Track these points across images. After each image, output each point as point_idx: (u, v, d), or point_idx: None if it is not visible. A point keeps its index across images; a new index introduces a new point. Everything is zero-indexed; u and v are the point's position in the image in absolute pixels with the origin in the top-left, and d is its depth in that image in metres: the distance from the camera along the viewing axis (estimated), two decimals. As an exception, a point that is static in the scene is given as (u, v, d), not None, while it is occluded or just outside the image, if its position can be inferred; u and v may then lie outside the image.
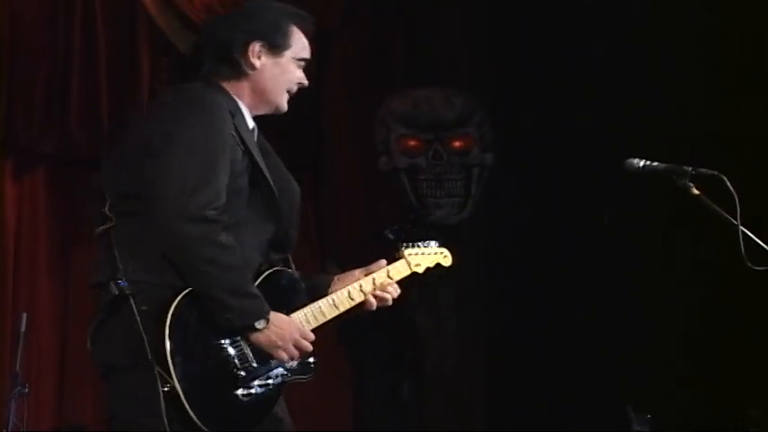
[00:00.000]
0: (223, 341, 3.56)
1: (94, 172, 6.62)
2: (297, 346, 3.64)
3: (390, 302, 3.94)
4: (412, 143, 7.58)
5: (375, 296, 3.91)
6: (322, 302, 3.81)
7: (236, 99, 3.75)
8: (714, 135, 6.42)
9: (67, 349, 6.58)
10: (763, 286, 3.87)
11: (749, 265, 3.68)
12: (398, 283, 3.98)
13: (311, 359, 3.74)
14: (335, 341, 6.95)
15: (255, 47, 3.75)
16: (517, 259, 7.41)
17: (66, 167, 6.63)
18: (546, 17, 7.21)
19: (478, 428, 7.57)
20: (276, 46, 3.78)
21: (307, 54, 3.86)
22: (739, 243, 3.70)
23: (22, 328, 5.80)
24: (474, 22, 7.75)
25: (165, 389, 3.44)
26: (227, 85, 3.75)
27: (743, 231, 3.72)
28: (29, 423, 5.76)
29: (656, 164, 3.91)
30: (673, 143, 6.12)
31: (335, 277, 3.95)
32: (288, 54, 3.80)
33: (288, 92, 3.84)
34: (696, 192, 3.81)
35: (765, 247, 3.72)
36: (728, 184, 3.72)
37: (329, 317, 3.81)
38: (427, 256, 4.14)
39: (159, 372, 3.44)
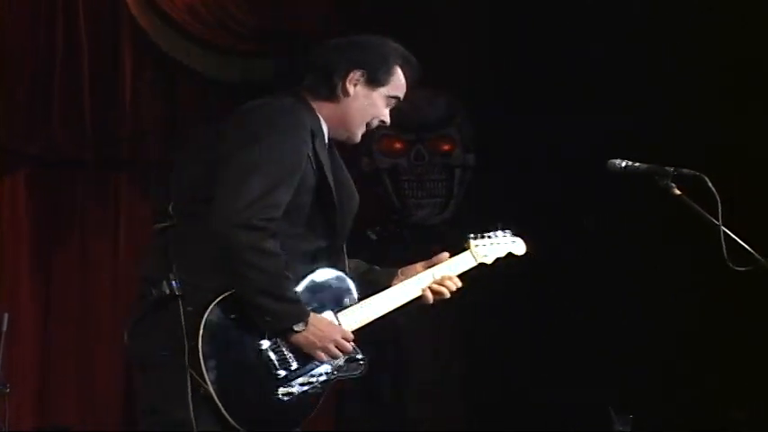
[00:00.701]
0: (262, 343, 3.62)
1: (77, 172, 6.70)
2: (337, 346, 3.71)
3: (448, 295, 4.01)
4: (394, 144, 7.60)
5: (432, 290, 3.98)
6: (375, 300, 3.88)
7: (321, 119, 3.82)
8: (710, 136, 6.45)
9: (50, 350, 6.57)
10: (755, 287, 3.89)
11: (730, 265, 3.70)
12: (461, 276, 4.04)
13: (359, 356, 3.80)
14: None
15: (356, 75, 3.84)
16: (498, 260, 7.40)
17: (48, 168, 6.62)
18: (528, 17, 7.22)
19: (458, 428, 7.58)
20: (375, 80, 3.87)
21: (400, 94, 3.95)
22: (721, 243, 3.73)
23: (4, 328, 5.79)
24: (455, 23, 7.75)
25: (200, 392, 3.52)
26: (316, 105, 3.82)
27: (724, 232, 3.74)
28: (10, 423, 5.76)
29: (637, 164, 3.93)
30: (660, 143, 6.15)
31: (399, 271, 4.02)
32: (383, 91, 3.90)
33: (367, 125, 3.91)
34: (677, 192, 3.83)
35: (747, 247, 3.74)
36: (710, 184, 3.74)
37: (382, 312, 3.89)
38: (497, 246, 4.21)
39: (193, 374, 3.52)
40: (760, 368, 6.36)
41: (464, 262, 4.11)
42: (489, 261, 4.17)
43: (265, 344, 3.62)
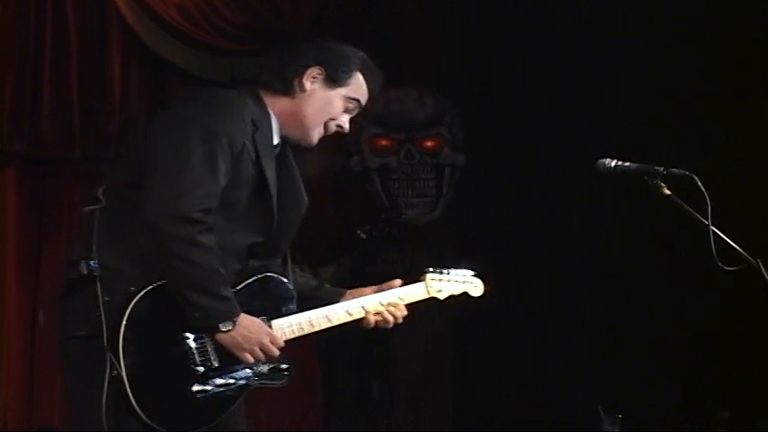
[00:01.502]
0: (186, 337, 3.61)
1: (65, 170, 6.67)
2: (262, 349, 3.67)
3: (391, 324, 4.01)
4: (383, 143, 7.59)
5: (377, 315, 3.97)
6: (314, 314, 3.87)
7: (271, 113, 3.80)
8: (704, 136, 6.46)
9: (36, 351, 6.54)
10: (744, 287, 3.89)
11: (720, 264, 3.69)
12: (409, 305, 4.04)
13: (285, 365, 3.78)
14: (305, 341, 6.94)
15: (314, 71, 3.85)
16: (488, 259, 7.40)
17: (36, 166, 6.59)
18: (521, 16, 7.22)
19: (446, 429, 7.58)
20: (334, 79, 3.87)
21: (361, 98, 3.95)
22: (710, 243, 3.72)
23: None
24: (445, 22, 7.75)
25: (113, 374, 3.50)
26: (269, 100, 3.82)
27: (714, 231, 3.74)
28: (-2, 423, 5.74)
29: (627, 164, 3.93)
30: (648, 143, 6.16)
31: (348, 292, 4.02)
32: (341, 91, 3.89)
33: (325, 128, 3.89)
34: (667, 192, 3.82)
35: (736, 246, 3.74)
36: (699, 184, 3.74)
37: (318, 328, 3.89)
38: (453, 283, 4.18)
39: (110, 357, 3.49)
40: (745, 367, 6.38)
41: (415, 293, 4.09)
42: (442, 297, 4.16)
43: (190, 337, 3.60)
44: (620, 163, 3.93)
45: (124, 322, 3.51)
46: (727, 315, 6.43)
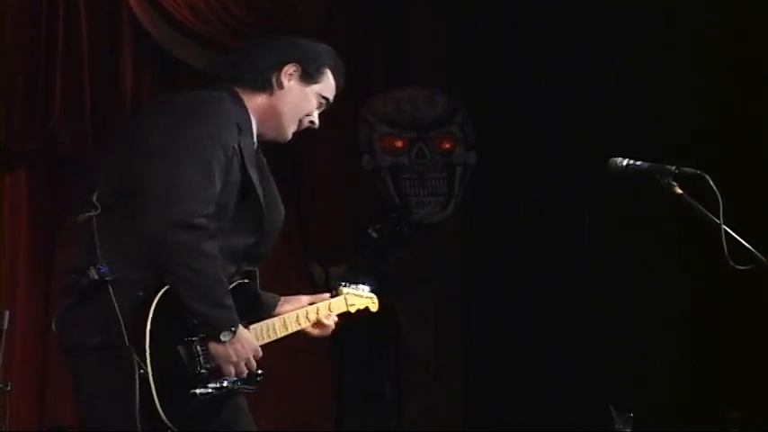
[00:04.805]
0: (193, 339, 3.62)
1: (78, 171, 6.67)
2: (247, 365, 3.71)
3: (329, 333, 4.13)
4: (395, 142, 7.60)
5: (318, 324, 4.09)
6: (276, 321, 3.94)
7: (251, 114, 3.80)
8: (707, 135, 6.45)
9: (48, 350, 6.55)
10: (748, 287, 3.88)
11: (732, 264, 3.69)
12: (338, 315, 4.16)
13: (260, 372, 3.80)
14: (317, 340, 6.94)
15: (291, 68, 3.86)
16: (499, 258, 7.42)
17: (49, 167, 6.60)
18: (528, 15, 7.22)
19: (457, 428, 7.58)
20: (309, 75, 3.88)
21: (330, 95, 3.96)
22: (722, 242, 3.71)
23: (5, 326, 5.76)
24: (456, 21, 7.75)
25: (141, 372, 3.50)
26: (246, 97, 3.81)
27: (725, 230, 3.73)
28: (10, 423, 5.74)
29: (639, 163, 3.92)
30: (658, 142, 6.15)
31: (282, 298, 4.06)
32: (315, 88, 3.90)
33: (299, 124, 3.91)
34: (679, 191, 3.81)
35: (748, 246, 3.73)
36: (711, 183, 3.73)
37: (278, 336, 3.94)
38: (360, 298, 4.29)
39: (135, 358, 3.48)
40: (756, 367, 6.37)
41: (338, 306, 4.20)
42: (353, 311, 4.28)
43: (195, 340, 3.61)
44: (631, 162, 3.92)
45: (149, 323, 3.51)
46: (738, 314, 6.43)
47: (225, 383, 3.68)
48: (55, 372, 6.50)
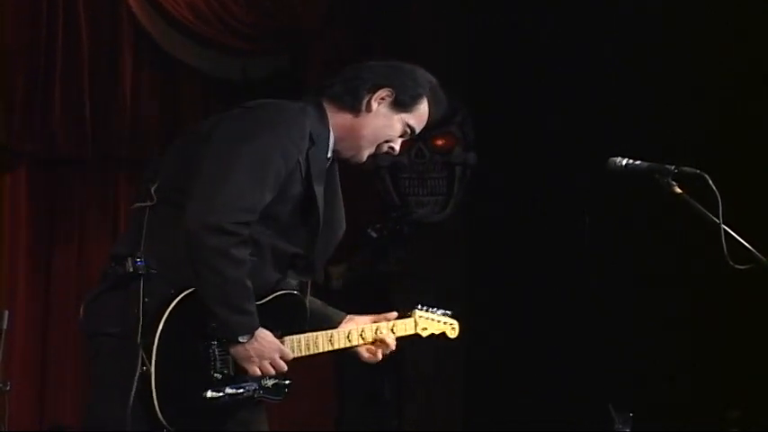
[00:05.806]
0: (212, 343, 3.62)
1: (77, 171, 6.68)
2: (272, 364, 3.68)
3: (380, 357, 4.04)
4: (394, 141, 7.59)
5: (368, 350, 4.02)
6: (321, 335, 3.88)
7: (331, 129, 3.77)
8: (708, 135, 6.45)
9: (48, 350, 6.55)
10: (750, 286, 3.88)
11: (731, 263, 3.68)
12: (398, 338, 4.07)
13: (287, 382, 3.79)
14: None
15: (384, 93, 3.80)
16: (499, 258, 7.42)
17: (48, 166, 6.60)
18: (528, 15, 7.22)
19: (457, 429, 7.58)
20: (401, 103, 3.82)
21: (418, 126, 3.87)
22: (722, 242, 3.71)
23: (4, 326, 5.76)
24: (456, 21, 7.75)
25: (143, 369, 3.50)
26: (331, 113, 3.78)
27: (725, 230, 3.72)
28: (10, 423, 5.74)
29: (638, 162, 3.91)
30: (658, 142, 6.15)
31: (348, 316, 4.03)
32: (404, 116, 3.83)
33: (377, 148, 3.86)
34: (678, 190, 3.81)
35: (747, 245, 3.73)
36: (711, 182, 3.72)
37: (321, 350, 3.88)
38: (436, 323, 4.26)
39: (141, 354, 3.50)
40: (757, 366, 6.37)
41: (404, 328, 4.14)
42: (424, 335, 4.23)
43: (215, 344, 3.62)
44: (631, 161, 3.91)
45: (162, 323, 3.52)
46: (738, 314, 6.43)
47: (242, 390, 3.68)
48: (55, 372, 6.51)
